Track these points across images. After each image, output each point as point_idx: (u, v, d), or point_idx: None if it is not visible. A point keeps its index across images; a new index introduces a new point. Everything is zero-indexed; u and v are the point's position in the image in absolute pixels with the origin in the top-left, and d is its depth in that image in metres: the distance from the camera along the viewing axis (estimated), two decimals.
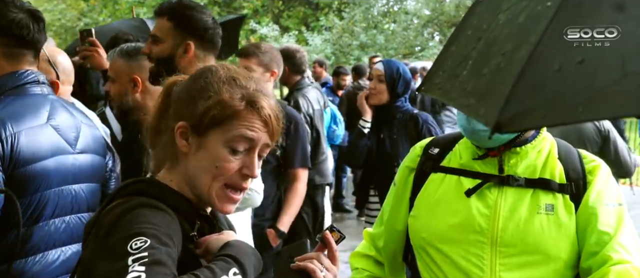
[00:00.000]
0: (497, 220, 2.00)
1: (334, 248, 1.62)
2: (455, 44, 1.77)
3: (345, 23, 22.39)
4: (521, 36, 1.47)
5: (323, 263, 1.58)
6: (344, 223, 8.86)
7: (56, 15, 25.18)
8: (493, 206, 2.01)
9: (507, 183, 2.02)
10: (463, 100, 1.57)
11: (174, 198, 1.52)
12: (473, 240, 2.01)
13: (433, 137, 2.29)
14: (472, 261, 2.01)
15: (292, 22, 24.54)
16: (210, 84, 1.53)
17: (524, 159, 2.04)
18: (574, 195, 2.01)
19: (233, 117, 1.52)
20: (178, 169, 1.57)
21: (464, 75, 1.59)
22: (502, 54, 1.48)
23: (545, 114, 1.37)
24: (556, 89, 1.37)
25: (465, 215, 2.03)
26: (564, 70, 1.38)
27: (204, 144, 1.52)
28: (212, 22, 2.81)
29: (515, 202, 2.00)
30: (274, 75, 4.10)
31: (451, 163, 2.12)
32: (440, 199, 2.09)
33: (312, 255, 1.59)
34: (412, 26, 22.53)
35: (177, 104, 1.58)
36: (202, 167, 1.53)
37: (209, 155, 1.52)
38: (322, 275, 1.55)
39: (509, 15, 1.55)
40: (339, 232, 1.65)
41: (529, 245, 1.98)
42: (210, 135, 1.52)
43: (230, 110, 1.51)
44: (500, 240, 1.99)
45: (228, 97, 1.52)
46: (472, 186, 2.05)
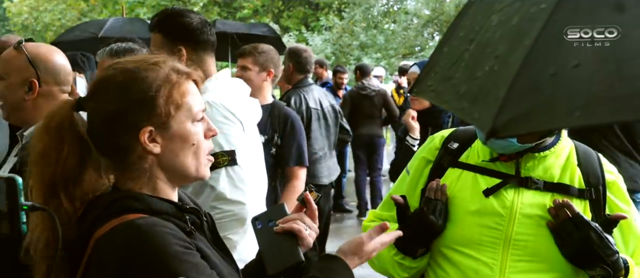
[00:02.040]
0: (513, 222, 1.97)
1: (313, 206, 1.67)
2: (448, 45, 1.75)
3: (345, 23, 22.39)
4: (515, 38, 1.45)
5: (305, 222, 1.64)
6: (344, 223, 8.85)
7: (56, 15, 25.19)
8: (509, 207, 1.98)
9: (526, 185, 1.99)
10: (456, 104, 1.55)
11: (157, 205, 1.50)
12: (486, 240, 1.99)
13: (454, 128, 2.24)
14: (482, 260, 1.99)
15: (292, 22, 24.54)
16: (147, 78, 1.49)
17: (542, 162, 2.00)
18: (594, 201, 1.99)
19: (186, 94, 1.53)
20: (142, 173, 1.52)
21: (457, 77, 1.58)
22: (496, 56, 1.47)
23: (542, 118, 1.36)
24: (552, 92, 1.35)
25: (480, 213, 2.00)
26: (560, 74, 1.37)
27: (173, 133, 1.50)
28: (199, 22, 2.84)
29: (531, 205, 1.97)
30: (271, 75, 4.13)
31: (469, 160, 2.08)
32: (456, 195, 2.05)
33: (294, 216, 1.65)
34: (412, 26, 22.52)
35: (123, 118, 1.48)
36: (180, 153, 1.52)
37: (182, 139, 1.51)
38: (307, 234, 1.62)
39: (501, 17, 1.53)
40: (316, 192, 1.70)
41: (542, 251, 1.95)
42: (174, 121, 1.51)
43: (181, 89, 1.52)
44: (513, 242, 1.96)
45: (174, 79, 1.51)
46: (488, 185, 2.01)
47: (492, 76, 1.45)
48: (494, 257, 1.98)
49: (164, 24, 2.84)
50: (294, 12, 24.99)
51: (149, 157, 1.51)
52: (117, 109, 1.48)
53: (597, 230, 1.89)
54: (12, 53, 2.43)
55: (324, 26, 22.75)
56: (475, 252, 2.00)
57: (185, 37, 2.79)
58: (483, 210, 2.00)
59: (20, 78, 2.40)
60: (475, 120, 1.46)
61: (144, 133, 1.48)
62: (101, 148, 1.52)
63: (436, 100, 1.72)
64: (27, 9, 26.09)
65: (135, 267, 1.37)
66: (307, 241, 1.63)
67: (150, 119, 1.49)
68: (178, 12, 2.89)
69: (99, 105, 1.50)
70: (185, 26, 2.81)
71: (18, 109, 2.42)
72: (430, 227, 2.02)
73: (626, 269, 1.93)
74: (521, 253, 1.96)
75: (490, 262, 1.98)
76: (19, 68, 2.40)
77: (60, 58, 2.51)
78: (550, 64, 1.38)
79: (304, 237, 1.62)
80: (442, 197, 2.04)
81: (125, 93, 1.49)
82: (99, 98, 1.51)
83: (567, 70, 1.37)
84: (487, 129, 1.37)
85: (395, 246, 2.08)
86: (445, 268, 2.06)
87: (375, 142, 8.90)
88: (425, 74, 1.79)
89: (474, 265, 2.00)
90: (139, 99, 1.48)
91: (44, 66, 2.44)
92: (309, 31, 23.01)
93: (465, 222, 2.02)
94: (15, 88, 2.40)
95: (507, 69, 1.41)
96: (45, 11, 25.80)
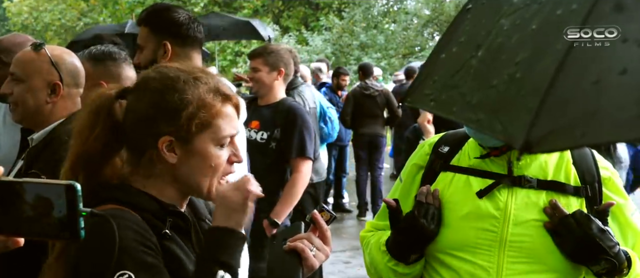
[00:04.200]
0: (507, 223, 1.95)
1: (324, 227, 1.65)
2: (445, 51, 1.65)
3: (345, 23, 22.36)
4: (540, 43, 1.34)
5: (314, 243, 1.61)
6: (344, 223, 8.86)
7: (56, 15, 25.16)
8: (503, 208, 1.95)
9: (519, 184, 1.96)
10: (469, 114, 1.44)
11: (141, 200, 1.54)
12: (481, 243, 1.97)
13: (444, 133, 2.22)
14: (478, 263, 1.96)
15: (292, 22, 24.52)
16: (182, 91, 1.53)
17: (534, 160, 1.98)
18: (590, 198, 1.97)
19: (216, 117, 1.55)
20: (158, 176, 1.57)
21: (465, 86, 1.48)
22: (516, 63, 1.36)
23: (586, 132, 1.22)
24: (596, 102, 1.23)
25: (474, 216, 1.98)
26: (604, 81, 1.25)
27: (193, 150, 1.54)
28: (186, 17, 2.88)
29: (526, 205, 1.95)
30: (282, 74, 4.21)
31: (460, 163, 2.06)
32: (448, 200, 2.03)
33: (302, 235, 1.63)
34: (412, 26, 22.48)
35: (151, 121, 1.54)
36: (197, 171, 1.55)
37: (201, 158, 1.55)
38: (311, 254, 1.59)
39: (516, 20, 1.43)
40: (329, 212, 1.67)
41: (538, 253, 1.93)
42: (198, 139, 1.54)
43: (213, 110, 1.54)
44: (509, 244, 1.94)
45: (205, 98, 1.54)
46: (481, 186, 1.99)
47: (515, 84, 1.34)
48: (490, 260, 1.95)
49: (150, 18, 2.89)
50: (294, 12, 24.97)
51: (164, 164, 1.55)
52: (146, 111, 1.54)
53: (598, 223, 1.87)
54: (32, 55, 2.40)
55: (324, 26, 22.71)
56: (471, 255, 1.98)
57: (171, 31, 2.84)
58: (477, 212, 1.98)
59: (43, 81, 2.38)
60: (498, 133, 1.34)
61: (164, 141, 1.53)
62: (126, 141, 1.58)
63: (438, 110, 1.62)
64: (27, 9, 26.04)
65: (88, 252, 1.43)
66: (310, 262, 1.59)
67: (173, 130, 1.52)
68: (165, 7, 2.95)
69: (134, 101, 1.57)
70: (172, 21, 2.85)
71: (37, 112, 2.40)
72: (422, 231, 2.00)
73: (628, 261, 1.91)
74: (517, 255, 1.94)
75: (487, 265, 1.96)
76: (41, 70, 2.38)
77: (76, 60, 2.52)
78: (591, 71, 1.26)
79: (307, 257, 1.58)
80: (435, 201, 2.02)
81: (156, 99, 1.54)
82: (137, 95, 1.57)
83: (612, 76, 1.26)
84: (519, 144, 1.25)
85: (389, 252, 2.07)
86: (441, 273, 2.04)
87: (377, 141, 8.89)
88: (420, 82, 1.71)
89: (470, 269, 1.98)
90: (167, 108, 1.53)
91: (66, 68, 2.44)
92: (309, 31, 22.97)
93: (460, 226, 2.00)
94: (37, 91, 2.38)
95: (536, 76, 1.30)
96: (45, 11, 25.74)
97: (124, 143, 1.59)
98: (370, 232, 2.26)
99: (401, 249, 2.05)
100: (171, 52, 2.83)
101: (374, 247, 2.15)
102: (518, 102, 1.30)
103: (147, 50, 2.88)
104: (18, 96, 2.39)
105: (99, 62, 2.87)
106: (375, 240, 2.17)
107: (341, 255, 7.12)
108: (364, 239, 2.26)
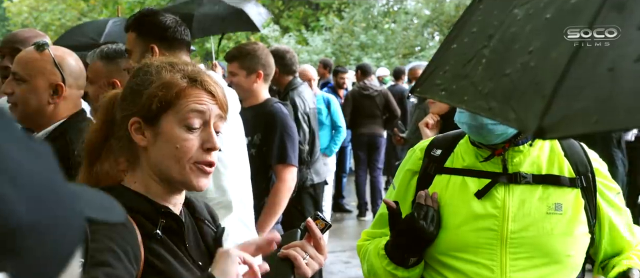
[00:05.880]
0: (507, 221, 1.96)
1: (318, 236, 1.63)
2: (456, 42, 1.66)
3: (345, 23, 22.36)
4: (555, 31, 1.33)
5: (308, 251, 1.60)
6: (344, 223, 8.84)
7: (56, 15, 25.16)
8: (501, 206, 1.97)
9: (515, 181, 1.98)
10: (481, 103, 1.43)
11: (132, 201, 1.52)
12: (482, 242, 1.97)
13: (433, 137, 2.23)
14: (481, 263, 1.97)
15: (292, 22, 24.51)
16: (150, 72, 1.56)
17: (527, 157, 2.00)
18: (585, 188, 2.00)
19: (179, 96, 1.54)
20: (141, 167, 1.58)
21: (477, 75, 1.47)
22: (529, 52, 1.36)
23: (599, 117, 1.22)
24: (611, 89, 1.22)
25: (473, 217, 1.99)
26: (619, 69, 1.24)
27: (160, 131, 1.54)
28: (172, 21, 2.91)
29: (523, 201, 1.97)
30: (261, 76, 3.99)
31: (454, 165, 2.07)
32: (447, 202, 2.04)
33: (296, 243, 1.62)
34: (412, 26, 22.49)
35: (123, 103, 1.59)
36: (164, 153, 1.54)
37: (167, 139, 1.54)
38: (304, 263, 1.58)
39: (529, 10, 1.42)
40: (324, 220, 1.65)
41: (539, 246, 1.95)
42: (163, 120, 1.54)
43: (175, 89, 1.54)
44: (510, 240, 1.96)
45: (169, 78, 1.55)
46: (478, 186, 2.00)
47: (529, 72, 1.34)
48: (493, 258, 1.97)
49: (137, 23, 2.91)
50: (294, 12, 24.97)
51: (140, 149, 1.56)
52: (122, 96, 1.59)
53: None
54: (34, 55, 2.38)
55: (324, 26, 22.71)
56: (473, 255, 1.99)
57: (157, 35, 2.85)
58: (476, 212, 1.99)
59: (46, 81, 2.37)
60: (510, 120, 1.35)
61: (133, 123, 1.55)
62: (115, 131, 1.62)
63: (449, 99, 1.63)
64: (26, 8, 26.05)
65: None
66: (303, 270, 1.58)
67: (137, 109, 1.55)
68: (152, 11, 3.00)
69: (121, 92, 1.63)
70: (158, 25, 2.87)
71: (38, 112, 2.37)
72: (421, 233, 1.99)
73: None
74: (519, 251, 1.95)
75: (490, 264, 1.97)
76: (44, 71, 2.37)
77: (78, 61, 2.51)
78: (606, 58, 1.26)
79: (299, 265, 1.57)
80: (433, 204, 2.02)
81: (129, 84, 1.60)
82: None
83: (627, 63, 1.25)
84: (533, 129, 1.25)
85: (388, 256, 2.06)
86: (444, 274, 2.04)
87: (376, 141, 8.90)
88: (430, 72, 1.72)
89: (473, 269, 1.98)
90: (132, 88, 1.57)
91: (69, 69, 2.43)
92: (309, 31, 22.97)
93: (459, 227, 2.01)
94: (39, 91, 2.36)
95: (549, 64, 1.29)
96: (45, 11, 25.76)
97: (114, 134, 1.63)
98: (366, 241, 2.25)
99: (400, 252, 2.04)
100: (159, 55, 2.83)
101: (372, 253, 2.15)
102: (531, 89, 1.30)
103: (136, 54, 2.88)
104: (19, 96, 2.37)
105: (111, 61, 2.91)
106: (373, 246, 2.16)
107: (341, 255, 7.10)
108: (361, 248, 2.25)
